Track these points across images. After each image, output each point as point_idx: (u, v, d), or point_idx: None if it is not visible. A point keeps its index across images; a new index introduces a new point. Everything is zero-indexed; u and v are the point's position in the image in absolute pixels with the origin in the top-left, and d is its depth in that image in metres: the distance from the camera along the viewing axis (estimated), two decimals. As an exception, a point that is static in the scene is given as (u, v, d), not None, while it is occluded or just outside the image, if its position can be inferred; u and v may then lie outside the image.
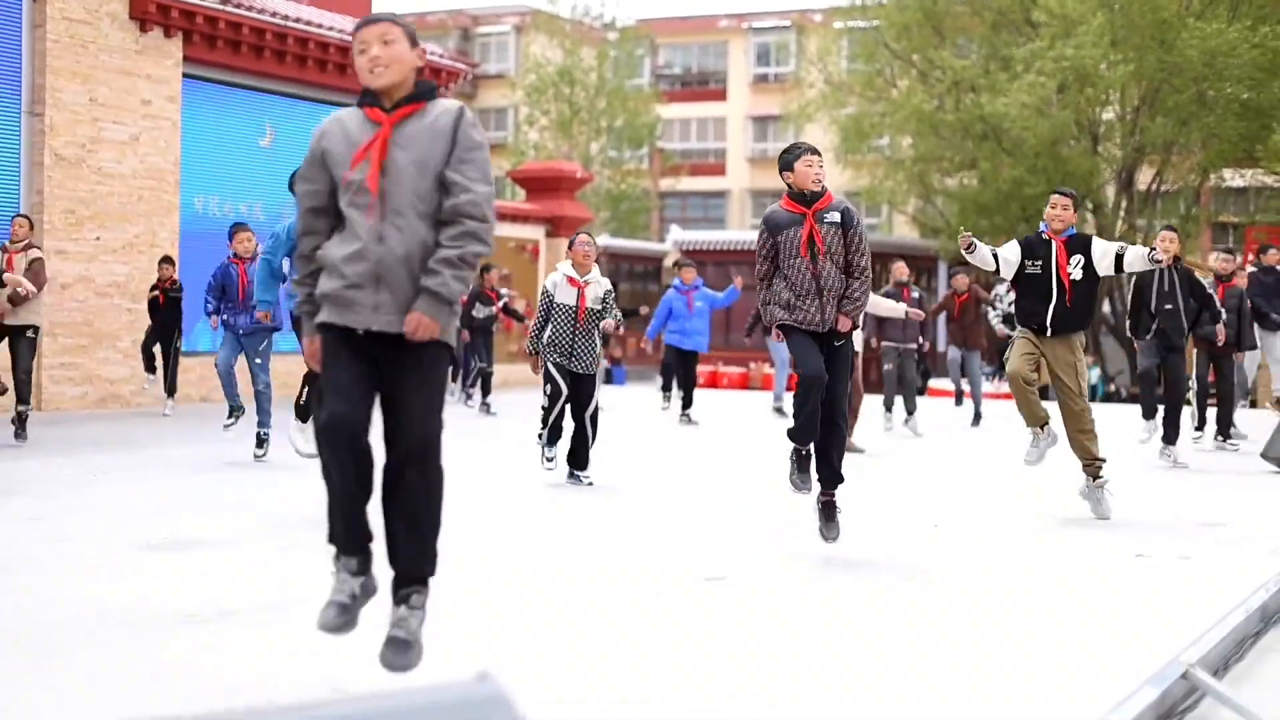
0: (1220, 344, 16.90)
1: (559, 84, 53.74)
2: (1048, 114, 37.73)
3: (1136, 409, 16.50)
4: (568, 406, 13.00)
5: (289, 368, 20.70)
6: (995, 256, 11.28)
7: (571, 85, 53.73)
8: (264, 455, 14.39)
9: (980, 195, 41.25)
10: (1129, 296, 15.84)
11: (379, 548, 5.79)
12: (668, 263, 46.33)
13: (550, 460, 13.17)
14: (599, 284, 13.00)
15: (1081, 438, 11.29)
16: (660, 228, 59.14)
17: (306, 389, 11.66)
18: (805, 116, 47.11)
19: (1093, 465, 11.36)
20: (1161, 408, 15.94)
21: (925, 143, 42.12)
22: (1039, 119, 37.22)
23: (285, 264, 12.33)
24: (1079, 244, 11.25)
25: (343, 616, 5.73)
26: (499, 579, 8.21)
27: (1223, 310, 16.18)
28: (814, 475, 9.41)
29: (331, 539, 5.81)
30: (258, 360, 14.69)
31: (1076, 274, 11.15)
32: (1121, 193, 40.96)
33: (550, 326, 12.93)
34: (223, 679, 6.02)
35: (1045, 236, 11.32)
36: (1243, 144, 37.26)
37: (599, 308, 12.92)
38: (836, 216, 9.31)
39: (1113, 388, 41.67)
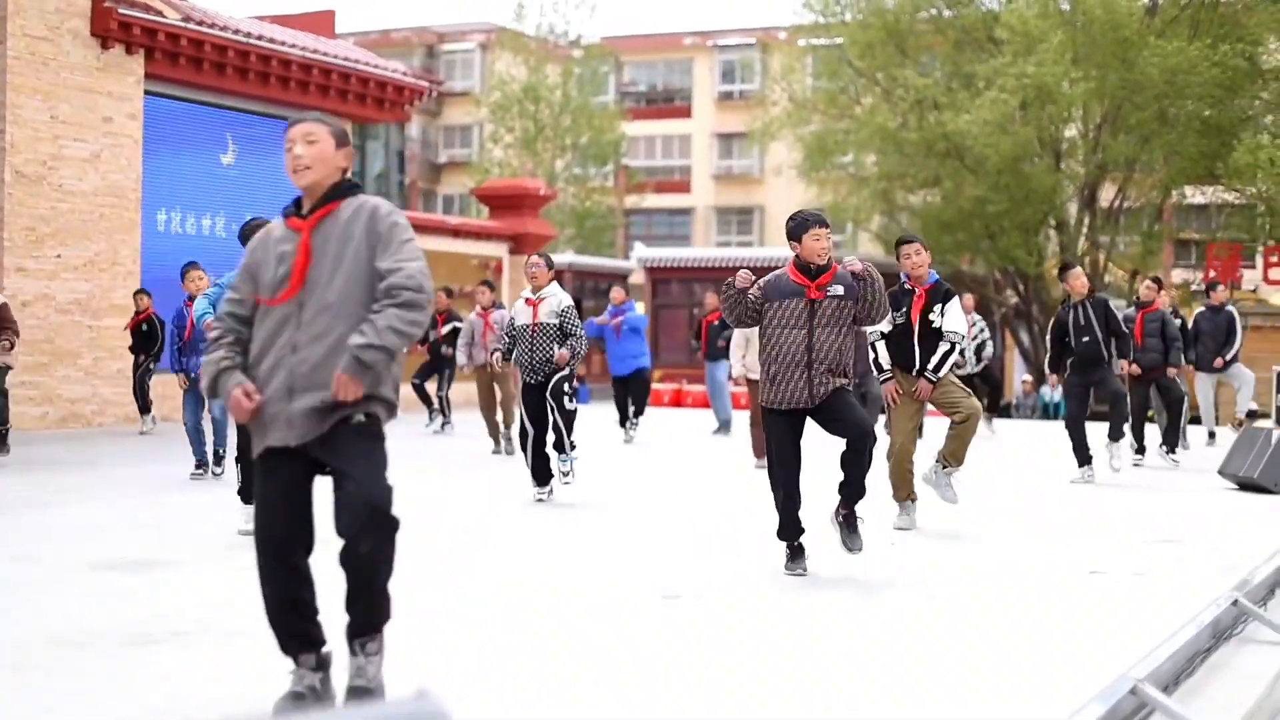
0: (1136, 375, 17.45)
1: (524, 101, 53.69)
2: (1010, 131, 37.87)
3: (1100, 425, 16.51)
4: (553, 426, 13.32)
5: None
6: (881, 336, 11.66)
7: (536, 102, 53.70)
8: (222, 473, 14.36)
9: (943, 212, 41.37)
10: (1048, 334, 16.08)
11: (335, 641, 5.81)
12: (633, 280, 46.34)
13: (541, 499, 13.30)
14: (554, 298, 13.22)
15: (965, 432, 11.71)
16: (625, 245, 59.09)
17: (243, 467, 11.16)
18: (770, 134, 47.16)
19: (953, 460, 11.84)
20: (1107, 427, 16.11)
21: (889, 160, 42.22)
22: (1001, 136, 37.35)
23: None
24: (939, 295, 11.58)
25: (296, 705, 5.68)
26: (452, 596, 8.21)
27: (1130, 337, 16.33)
28: (807, 561, 9.45)
29: (283, 648, 5.79)
30: None
31: (936, 322, 11.49)
32: (1084, 210, 41.13)
33: (517, 349, 13.25)
34: (173, 699, 6.01)
35: (908, 287, 11.65)
36: (1204, 161, 37.44)
37: (554, 321, 13.10)
38: (840, 289, 9.25)
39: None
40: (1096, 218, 41.15)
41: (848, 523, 9.41)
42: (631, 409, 21.66)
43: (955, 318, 11.51)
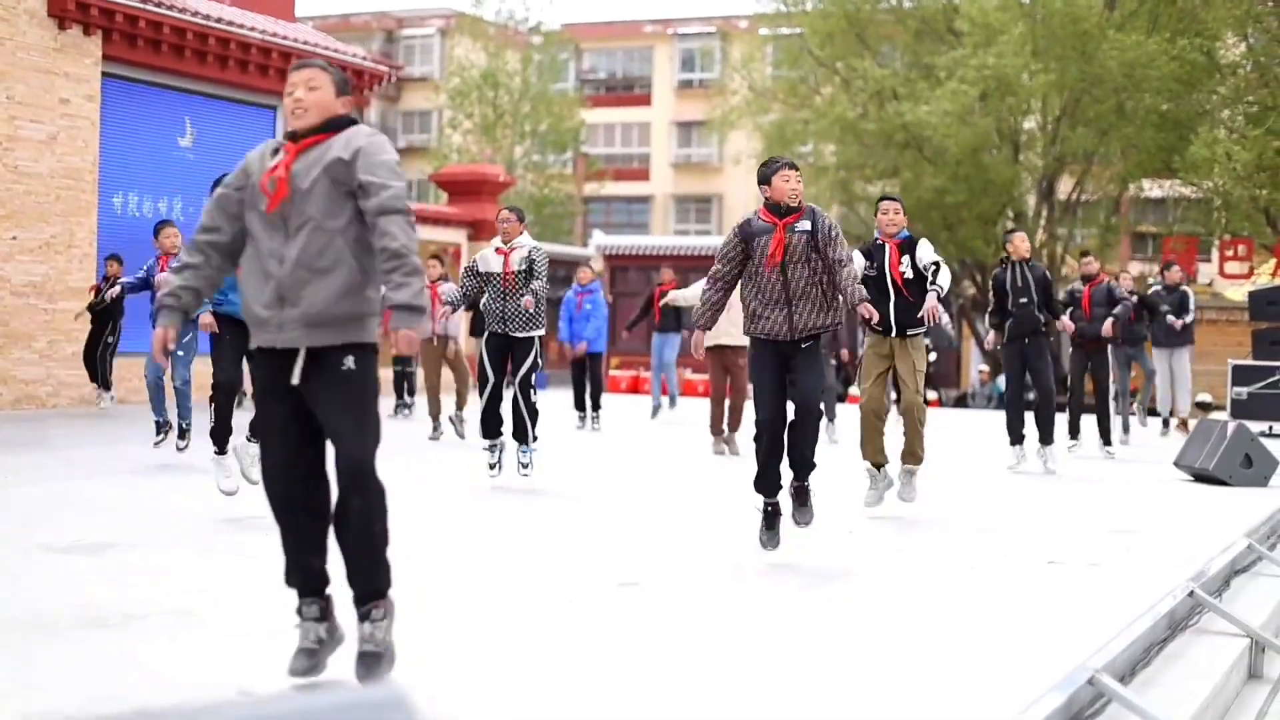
0: (1086, 343, 17.75)
1: (483, 87, 53.59)
2: (969, 122, 37.95)
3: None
4: (506, 393, 13.24)
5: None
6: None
7: (496, 89, 53.61)
8: (185, 446, 14.22)
9: (902, 202, 41.44)
10: (990, 295, 16.28)
11: (340, 594, 5.94)
12: (593, 267, 46.29)
13: (493, 467, 13.22)
14: (524, 248, 13.21)
15: (912, 434, 11.79)
16: (584, 232, 59.09)
17: (216, 408, 11.20)
18: (729, 123, 47.19)
19: (911, 459, 11.86)
20: (1032, 414, 16.18)
21: (848, 150, 42.27)
22: (960, 127, 37.43)
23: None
24: (909, 245, 11.73)
25: (310, 661, 5.86)
26: (408, 585, 8.18)
27: (1064, 305, 16.58)
28: (782, 532, 9.45)
29: (288, 581, 5.94)
30: (180, 353, 14.41)
31: (908, 273, 11.64)
32: (1042, 202, 41.26)
33: (485, 297, 13.19)
34: (129, 683, 5.97)
35: (880, 241, 11.81)
36: (1161, 155, 37.58)
37: (523, 268, 13.06)
38: (807, 225, 9.32)
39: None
40: (1054, 210, 41.29)
41: (798, 495, 9.48)
42: (589, 402, 21.60)
43: (926, 252, 11.66)
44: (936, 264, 11.48)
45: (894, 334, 11.69)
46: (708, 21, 65.21)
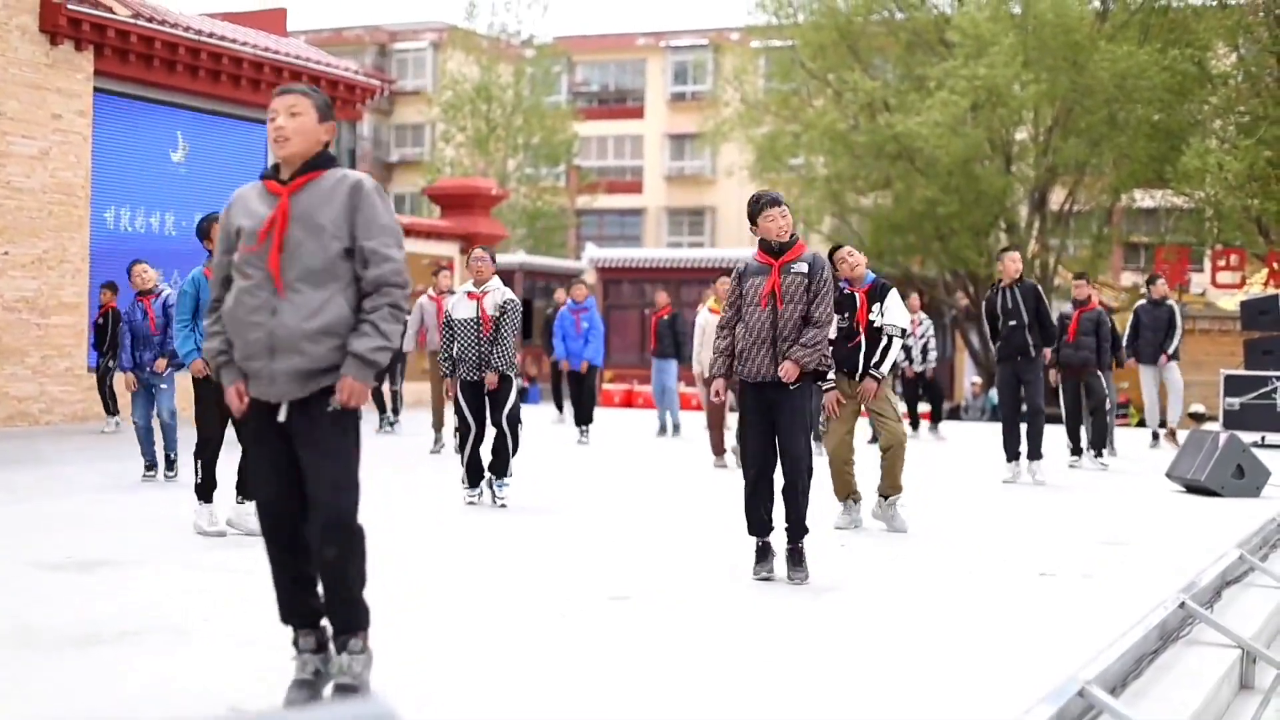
0: (1066, 372, 17.89)
1: (476, 101, 53.62)
2: (961, 133, 37.97)
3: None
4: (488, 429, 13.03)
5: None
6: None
7: (489, 102, 53.64)
8: (174, 476, 14.22)
9: (894, 214, 41.52)
10: (983, 317, 16.36)
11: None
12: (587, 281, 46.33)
13: (472, 502, 13.11)
14: (497, 292, 13.01)
15: (894, 462, 11.76)
16: (577, 245, 59.11)
17: (202, 464, 11.08)
18: (721, 135, 47.23)
19: (892, 490, 11.79)
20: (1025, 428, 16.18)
21: (839, 162, 42.30)
22: (952, 138, 37.45)
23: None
24: (878, 293, 11.69)
25: (308, 692, 5.87)
26: (400, 599, 8.18)
27: (1054, 327, 16.56)
28: (776, 561, 9.38)
29: (283, 618, 5.93)
30: (163, 386, 14.41)
31: (876, 320, 11.61)
32: (1034, 212, 41.31)
33: (456, 345, 12.95)
34: (121, 700, 5.97)
35: (848, 291, 11.69)
36: (1153, 165, 37.62)
37: (498, 314, 12.89)
38: (804, 267, 9.29)
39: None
40: (1046, 220, 41.35)
41: (792, 556, 9.31)
42: (575, 413, 21.53)
43: (895, 312, 11.61)
44: (890, 340, 11.51)
45: (860, 376, 11.60)
46: (700, 34, 65.32)
